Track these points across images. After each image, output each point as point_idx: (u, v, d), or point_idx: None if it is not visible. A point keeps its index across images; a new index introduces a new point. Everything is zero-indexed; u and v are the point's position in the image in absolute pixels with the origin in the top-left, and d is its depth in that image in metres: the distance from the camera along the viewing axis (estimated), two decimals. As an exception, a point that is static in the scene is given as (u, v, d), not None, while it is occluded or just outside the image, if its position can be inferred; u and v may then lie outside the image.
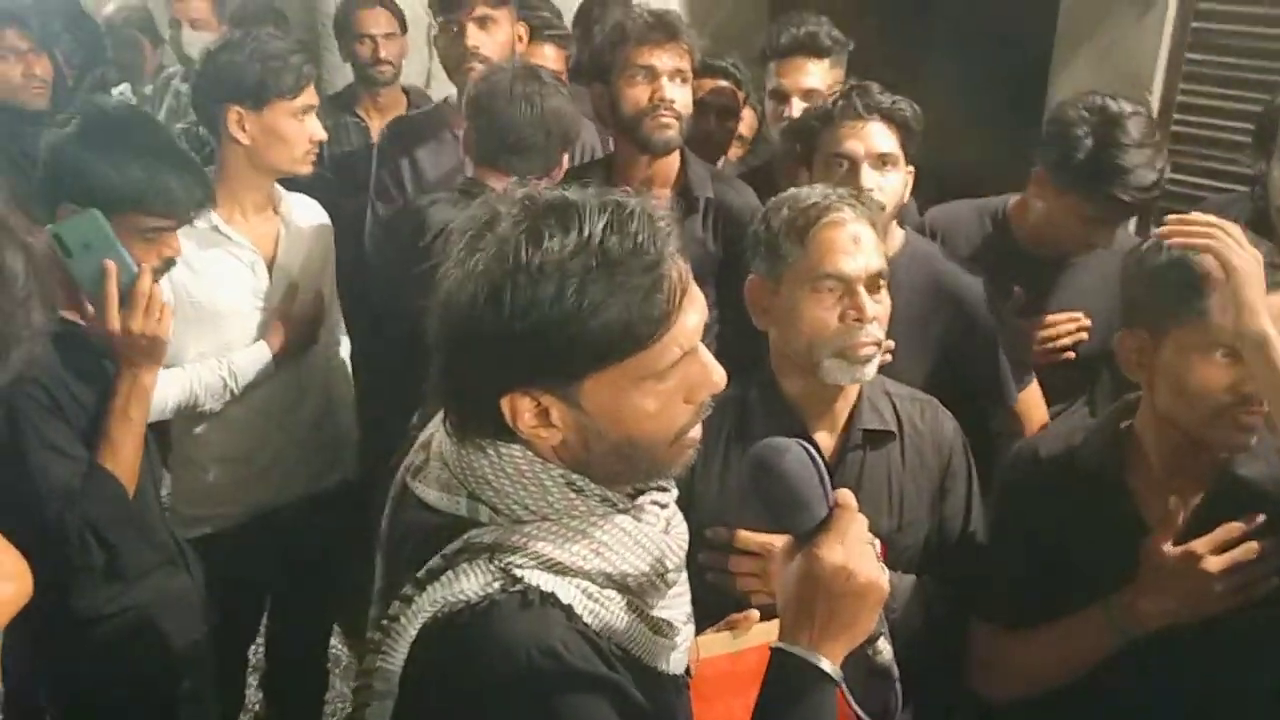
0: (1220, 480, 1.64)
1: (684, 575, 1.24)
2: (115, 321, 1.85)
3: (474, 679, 1.04)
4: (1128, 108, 2.18)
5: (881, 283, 1.74)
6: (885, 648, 1.22)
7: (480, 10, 2.78)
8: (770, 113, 2.77)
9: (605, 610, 1.11)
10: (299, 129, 2.35)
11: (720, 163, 3.11)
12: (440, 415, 1.20)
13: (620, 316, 1.03)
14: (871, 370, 1.74)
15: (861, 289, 1.70)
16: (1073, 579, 1.69)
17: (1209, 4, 3.24)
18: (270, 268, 2.41)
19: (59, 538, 1.81)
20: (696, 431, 1.16)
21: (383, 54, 3.46)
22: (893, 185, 2.12)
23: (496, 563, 1.08)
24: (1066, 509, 1.70)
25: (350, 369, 2.71)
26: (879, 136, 2.11)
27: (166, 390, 2.23)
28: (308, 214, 2.55)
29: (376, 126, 3.46)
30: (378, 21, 3.48)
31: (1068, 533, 1.69)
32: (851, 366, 1.71)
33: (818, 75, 2.68)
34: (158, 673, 2.06)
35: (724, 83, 3.03)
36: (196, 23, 4.01)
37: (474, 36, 2.77)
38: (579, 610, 1.09)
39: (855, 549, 1.14)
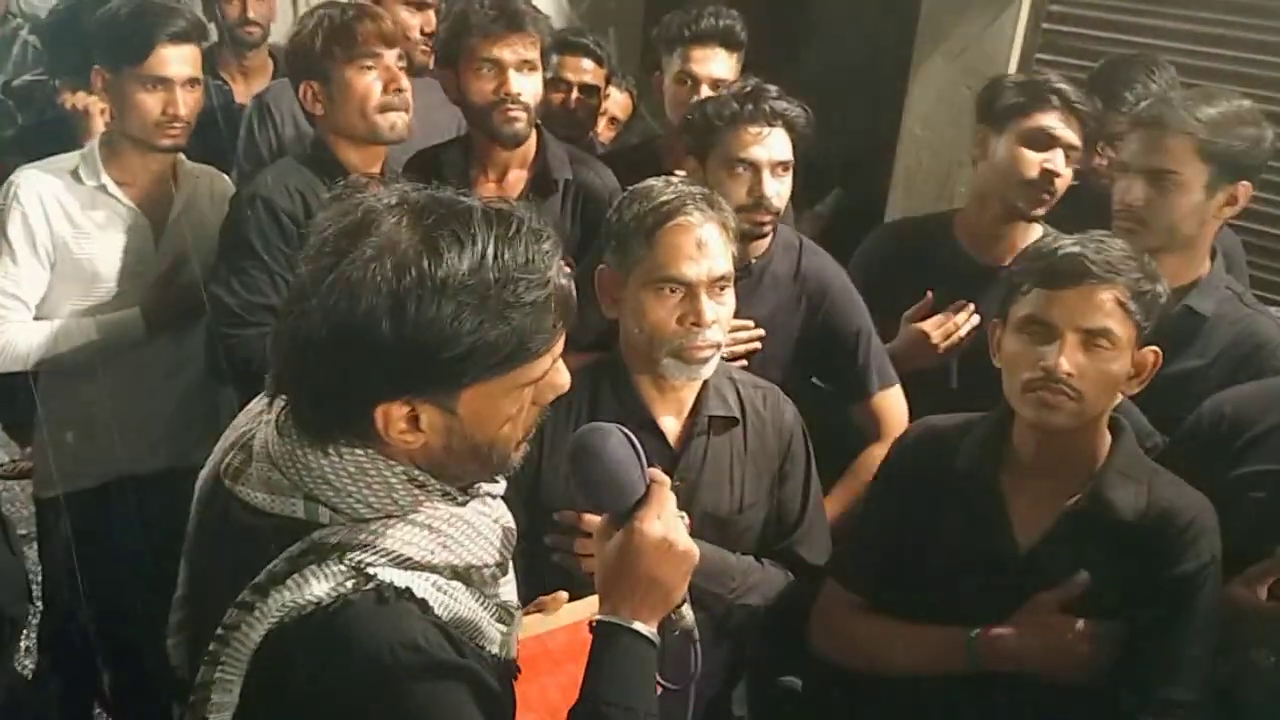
0: (1088, 497, 1.66)
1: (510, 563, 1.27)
2: None
3: (334, 679, 1.04)
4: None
5: (724, 286, 1.76)
6: (687, 612, 1.31)
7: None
8: (672, 96, 2.71)
9: (455, 602, 1.13)
10: (144, 99, 2.26)
11: (589, 140, 3.14)
12: (253, 413, 1.20)
13: (514, 333, 1.05)
14: (708, 370, 1.79)
15: (702, 293, 1.73)
16: (932, 564, 1.75)
17: (1059, 8, 3.41)
18: (158, 234, 2.35)
19: None
20: (534, 429, 1.20)
21: (251, 14, 3.35)
22: (786, 191, 2.18)
23: (347, 562, 1.07)
24: (938, 494, 1.76)
25: None
26: (780, 144, 2.14)
27: (31, 339, 2.20)
28: (210, 184, 2.48)
29: (240, 90, 3.36)
30: None
31: (936, 518, 1.75)
32: (688, 366, 1.76)
33: (728, 66, 2.67)
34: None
35: (586, 60, 3.05)
36: (43, -25, 3.82)
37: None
38: (432, 604, 1.10)
39: (671, 521, 1.25)
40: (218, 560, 1.16)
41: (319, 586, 1.05)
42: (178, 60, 2.26)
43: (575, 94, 3.03)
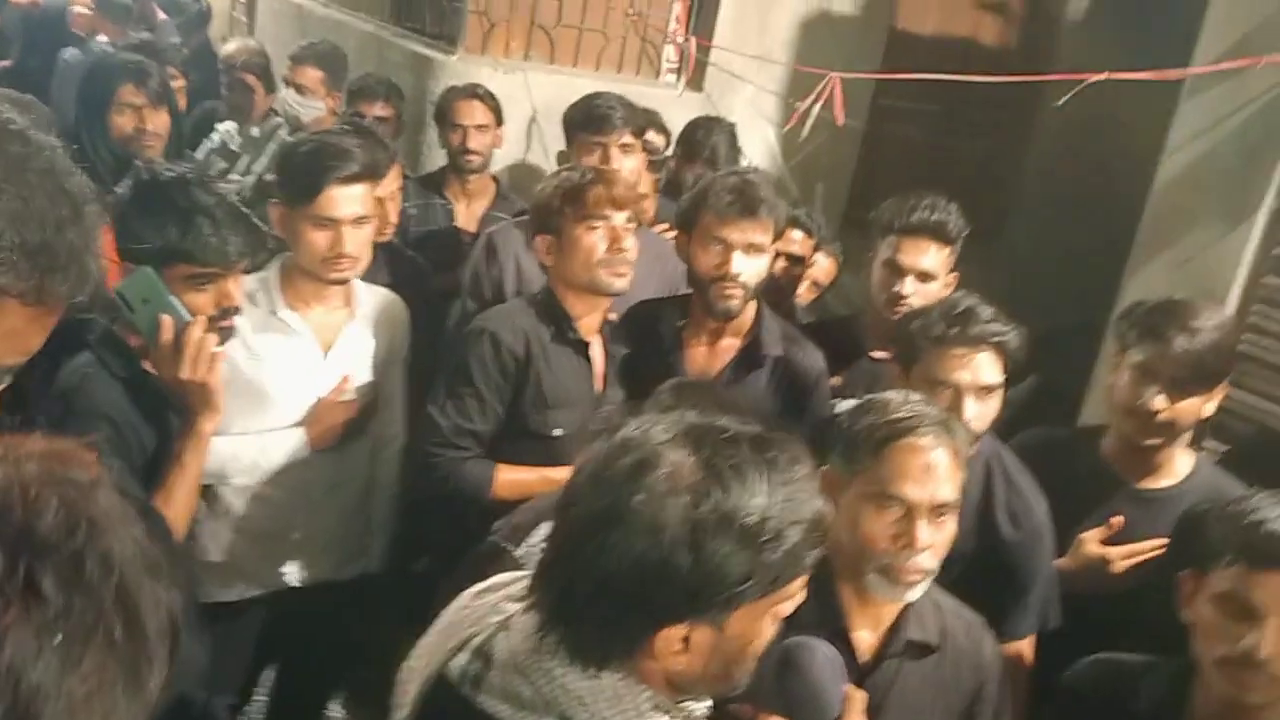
0: None
1: None
2: (169, 368, 1.93)
3: None
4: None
5: (945, 512, 1.71)
6: None
7: (624, 137, 2.84)
8: (879, 280, 2.69)
9: None
10: (313, 236, 2.33)
11: (790, 305, 3.19)
12: (477, 614, 1.24)
13: (785, 560, 1.12)
14: (915, 594, 1.73)
15: (922, 516, 1.68)
16: None
17: (1294, 232, 3.28)
18: (327, 358, 2.44)
19: None
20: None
21: (471, 144, 3.59)
22: (992, 411, 2.13)
23: None
24: None
25: (399, 468, 2.68)
26: (986, 368, 2.10)
27: None
28: (380, 309, 2.57)
29: (462, 210, 3.60)
30: (472, 113, 3.61)
31: None
32: (894, 587, 1.71)
33: (938, 261, 2.64)
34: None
35: (796, 231, 3.13)
36: (304, 89, 4.17)
37: (616, 160, 2.82)
38: None
39: None
40: None
41: None
42: (346, 200, 2.33)
43: (782, 262, 3.09)
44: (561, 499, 1.17)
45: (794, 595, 1.17)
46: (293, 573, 2.51)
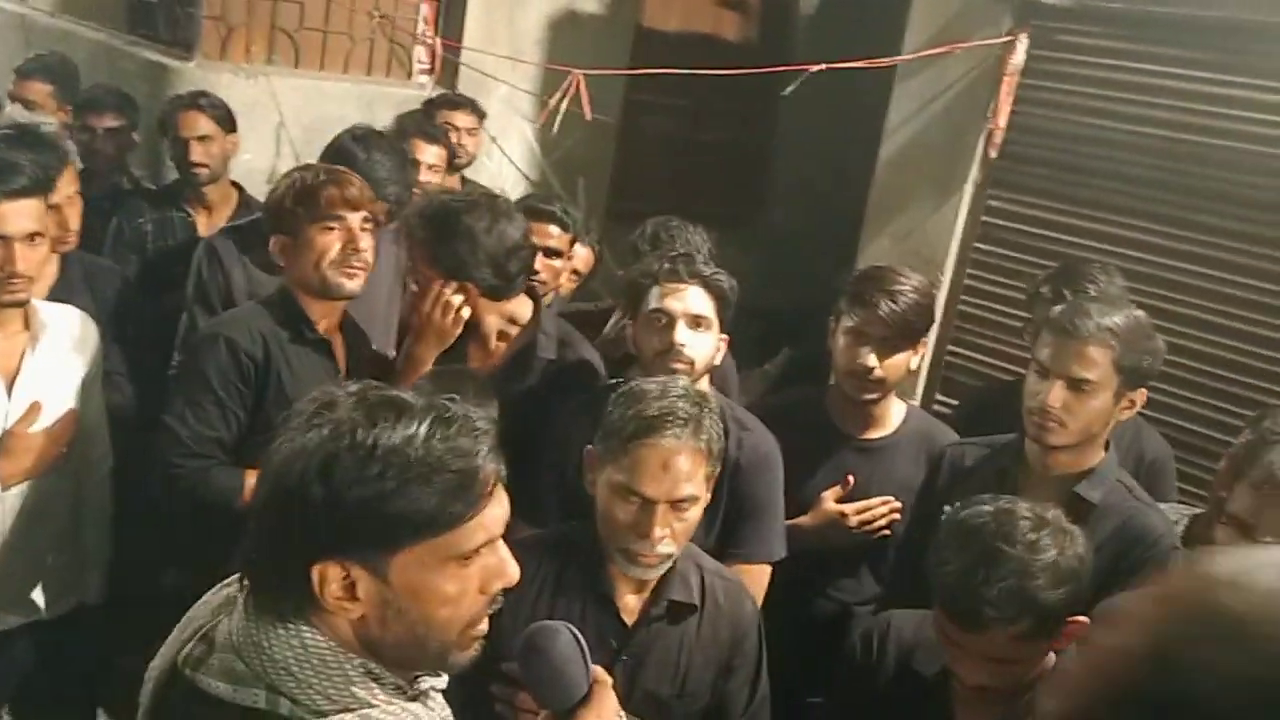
0: (1024, 710, 1.73)
1: None
2: None
3: None
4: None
5: (686, 505, 1.81)
6: None
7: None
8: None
9: None
10: None
11: (550, 296, 3.26)
12: (212, 605, 1.23)
13: (435, 499, 1.11)
14: (654, 574, 1.83)
15: (659, 510, 1.77)
16: None
17: (998, 203, 3.62)
18: (10, 386, 2.30)
19: None
20: (483, 627, 1.21)
21: (194, 156, 3.45)
22: (704, 345, 2.27)
23: None
24: (893, 690, 1.87)
25: (109, 491, 2.58)
26: (696, 300, 2.27)
27: None
28: (65, 328, 2.42)
29: (203, 221, 3.48)
30: (194, 124, 3.46)
31: (890, 708, 1.84)
32: (634, 567, 1.81)
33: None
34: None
35: (553, 226, 3.20)
36: (32, 104, 3.93)
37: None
38: None
39: None
40: None
41: None
42: (15, 216, 2.21)
43: (541, 257, 3.16)
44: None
45: (465, 546, 1.14)
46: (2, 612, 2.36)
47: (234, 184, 3.64)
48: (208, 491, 2.28)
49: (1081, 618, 1.71)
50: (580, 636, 1.32)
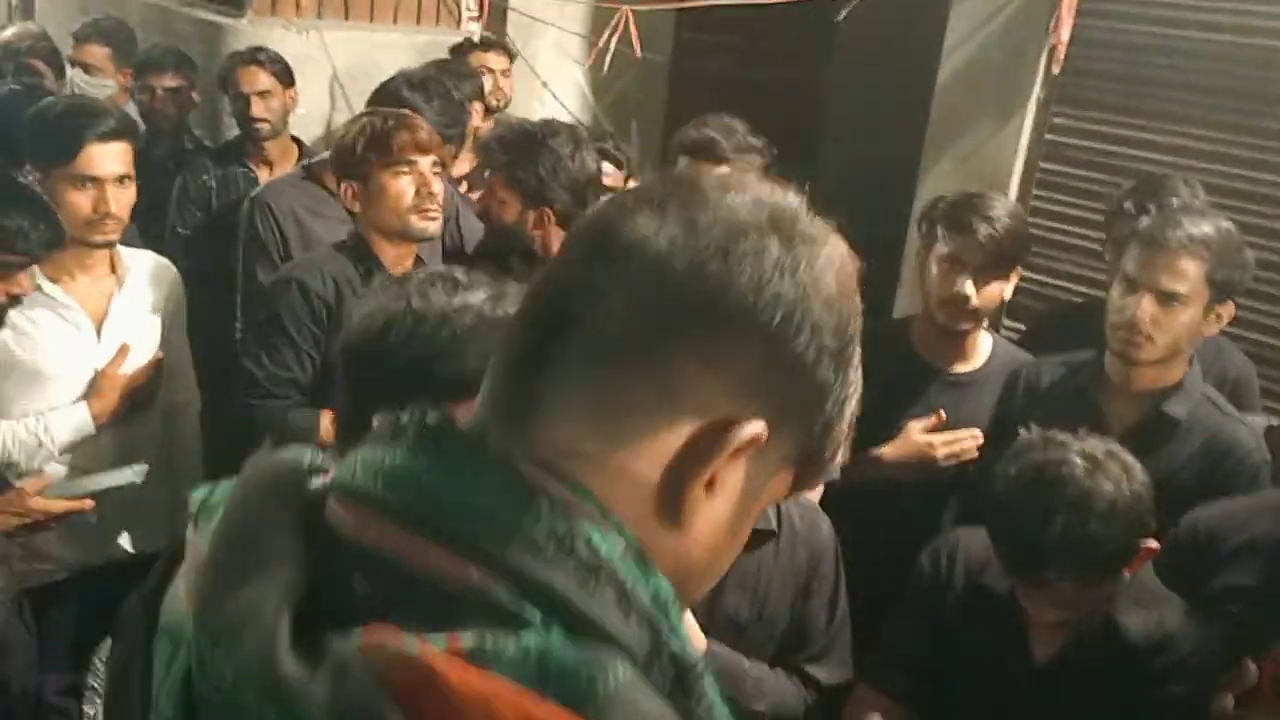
0: (1102, 619, 1.71)
1: None
2: None
3: None
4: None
5: None
6: None
7: None
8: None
9: None
10: (75, 198, 2.27)
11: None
12: None
13: (476, 361, 1.15)
14: None
15: None
16: (957, 673, 1.80)
17: (1063, 120, 3.52)
18: (99, 329, 2.37)
19: None
20: None
21: (255, 112, 3.50)
22: None
23: None
24: (966, 607, 1.83)
25: (199, 431, 2.66)
26: None
27: None
28: (150, 274, 2.49)
29: (265, 177, 3.52)
30: (254, 80, 3.51)
31: (962, 628, 1.81)
32: None
33: None
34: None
35: (606, 165, 3.18)
36: (91, 68, 4.00)
37: None
38: None
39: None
40: None
41: None
42: (107, 158, 2.29)
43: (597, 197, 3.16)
44: None
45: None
46: (98, 550, 2.45)
47: (294, 138, 3.68)
48: (284, 430, 2.32)
49: (1152, 542, 1.68)
50: None
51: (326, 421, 2.31)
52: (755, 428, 0.67)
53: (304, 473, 0.73)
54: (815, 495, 2.23)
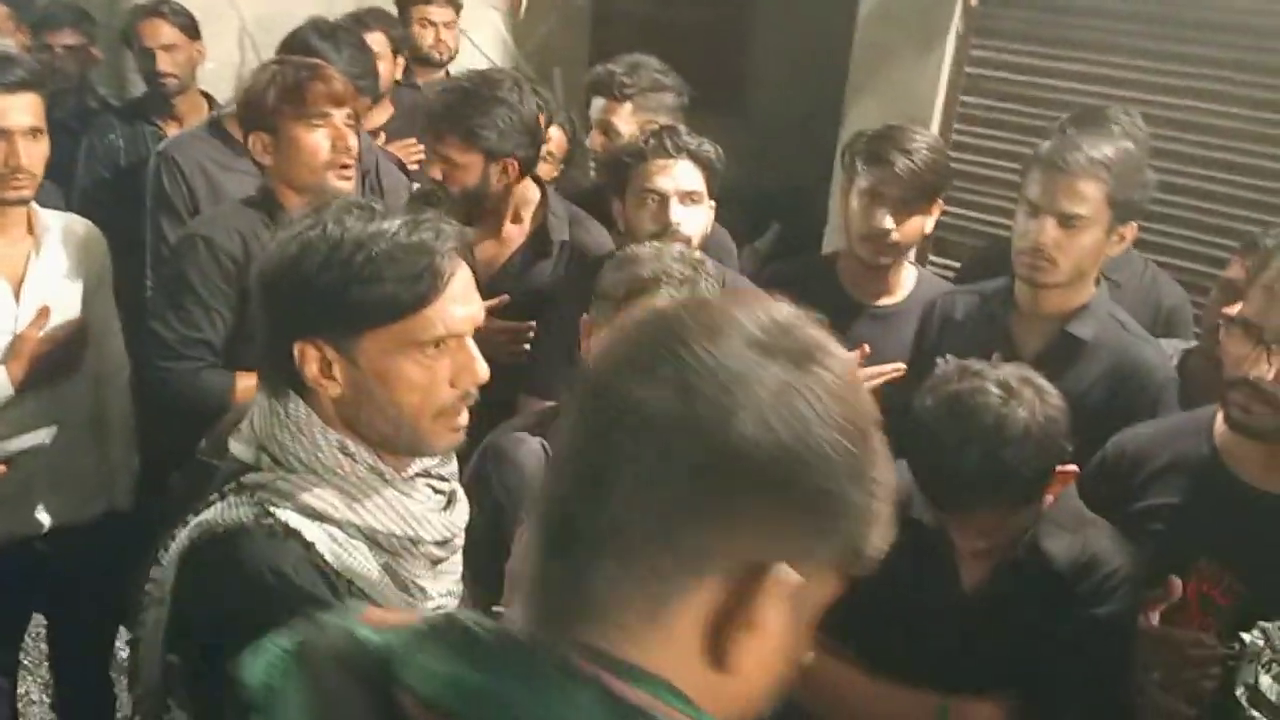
0: (1025, 545, 1.70)
1: (458, 557, 1.40)
2: None
3: (218, 593, 1.21)
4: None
5: None
6: None
7: None
8: (591, 141, 2.94)
9: (349, 556, 1.27)
10: None
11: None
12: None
13: (393, 286, 1.24)
14: None
15: None
16: (889, 606, 1.76)
17: (981, 52, 3.52)
18: (18, 292, 2.29)
19: None
20: (463, 418, 1.33)
21: (161, 66, 3.38)
22: (697, 219, 2.26)
23: (258, 498, 1.25)
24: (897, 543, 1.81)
25: (130, 397, 2.58)
26: (686, 175, 2.25)
27: None
28: (70, 236, 2.40)
29: (175, 132, 3.40)
30: (157, 33, 3.38)
31: (890, 557, 1.80)
32: None
33: (623, 115, 2.82)
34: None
35: None
36: (-11, 28, 3.83)
37: None
38: (321, 549, 1.24)
39: None
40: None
41: (228, 515, 1.24)
42: (15, 109, 2.19)
43: None
44: None
45: (424, 334, 1.26)
46: (26, 519, 2.38)
47: (204, 93, 3.56)
48: (198, 393, 2.26)
49: (1071, 466, 1.69)
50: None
51: (242, 384, 2.26)
52: (782, 572, 0.71)
53: (379, 669, 0.75)
54: None
